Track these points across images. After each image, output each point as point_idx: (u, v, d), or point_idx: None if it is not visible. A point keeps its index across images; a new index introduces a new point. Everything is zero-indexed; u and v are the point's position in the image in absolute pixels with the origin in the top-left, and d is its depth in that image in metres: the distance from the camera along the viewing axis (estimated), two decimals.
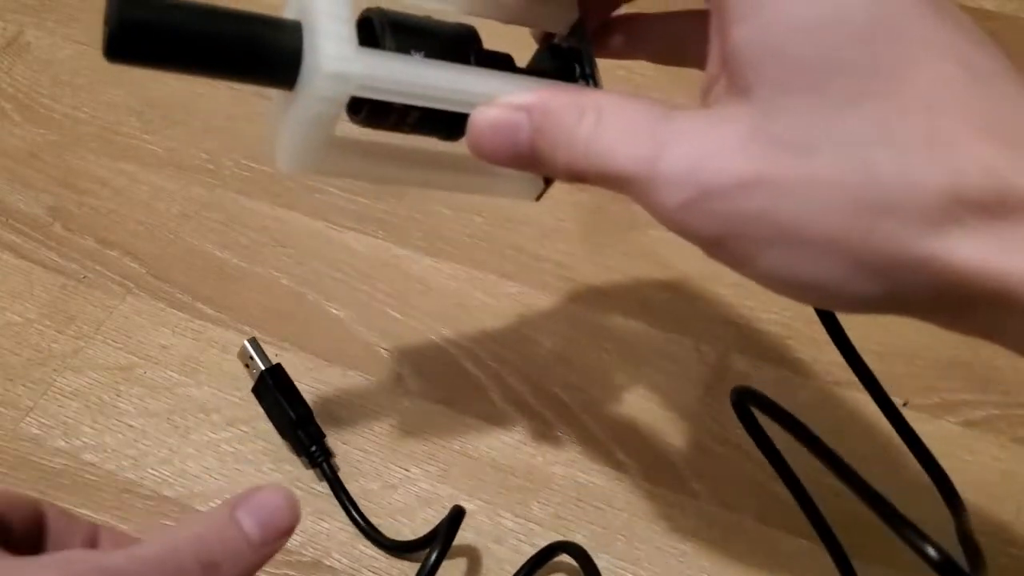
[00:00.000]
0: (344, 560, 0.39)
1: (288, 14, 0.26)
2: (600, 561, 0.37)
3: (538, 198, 0.31)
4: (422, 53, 0.26)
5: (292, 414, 0.41)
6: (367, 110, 0.27)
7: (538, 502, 0.41)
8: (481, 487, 0.41)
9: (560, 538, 0.38)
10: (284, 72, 0.25)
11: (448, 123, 0.28)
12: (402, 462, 0.42)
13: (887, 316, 0.23)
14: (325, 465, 0.41)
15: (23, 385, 0.44)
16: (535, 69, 0.32)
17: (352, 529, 0.40)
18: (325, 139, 0.26)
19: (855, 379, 0.33)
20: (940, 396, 0.43)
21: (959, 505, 0.30)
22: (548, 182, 0.31)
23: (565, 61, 0.30)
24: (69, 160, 0.53)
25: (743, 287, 0.47)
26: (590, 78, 0.29)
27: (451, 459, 0.42)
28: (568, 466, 0.42)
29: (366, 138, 0.28)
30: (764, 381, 0.44)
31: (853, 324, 0.47)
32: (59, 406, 0.44)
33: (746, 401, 0.32)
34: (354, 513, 0.40)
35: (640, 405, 0.43)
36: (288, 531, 0.26)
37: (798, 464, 0.34)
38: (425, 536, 0.38)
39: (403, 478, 0.41)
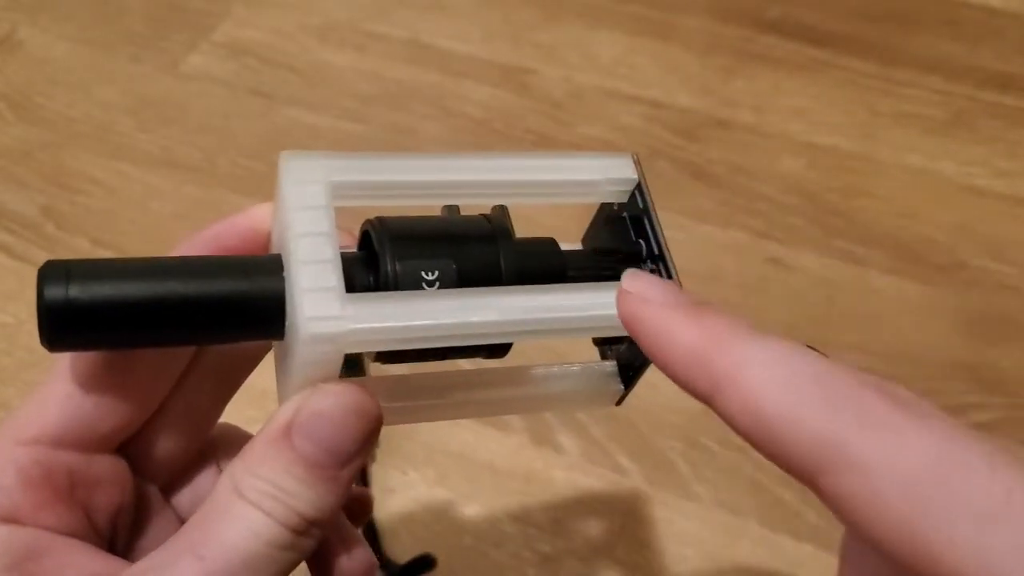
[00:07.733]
0: None
1: (273, 245, 0.22)
2: (601, 566, 0.37)
3: (619, 403, 0.26)
4: (435, 274, 0.22)
5: None
6: (377, 352, 0.22)
7: (538, 506, 0.40)
8: (480, 491, 0.40)
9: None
10: (267, 328, 0.21)
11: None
12: (399, 466, 0.41)
13: (891, 318, 0.22)
14: None
15: (15, 387, 0.44)
16: (586, 257, 0.26)
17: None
18: None
19: None
20: (946, 399, 0.42)
21: None
22: (628, 387, 0.26)
23: (623, 234, 0.25)
24: (62, 159, 0.52)
25: (747, 287, 0.47)
26: (659, 259, 0.24)
27: (449, 463, 0.41)
28: (568, 470, 0.41)
29: (390, 373, 0.23)
30: None
31: (858, 325, 0.47)
32: None
33: None
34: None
35: (641, 407, 0.43)
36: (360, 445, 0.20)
37: None
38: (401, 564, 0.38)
39: (400, 482, 0.41)
